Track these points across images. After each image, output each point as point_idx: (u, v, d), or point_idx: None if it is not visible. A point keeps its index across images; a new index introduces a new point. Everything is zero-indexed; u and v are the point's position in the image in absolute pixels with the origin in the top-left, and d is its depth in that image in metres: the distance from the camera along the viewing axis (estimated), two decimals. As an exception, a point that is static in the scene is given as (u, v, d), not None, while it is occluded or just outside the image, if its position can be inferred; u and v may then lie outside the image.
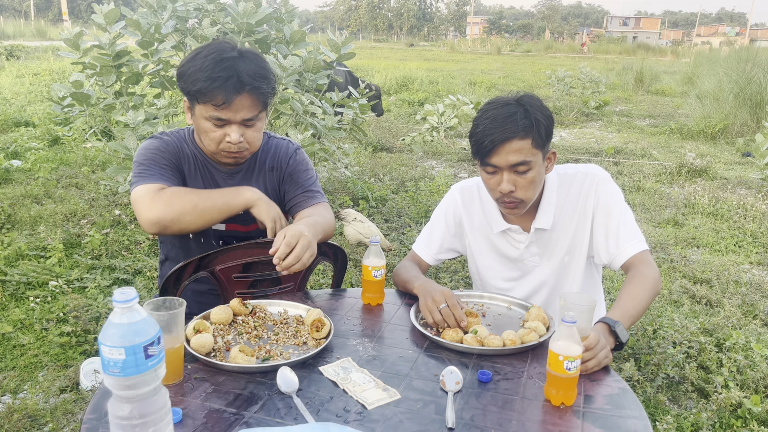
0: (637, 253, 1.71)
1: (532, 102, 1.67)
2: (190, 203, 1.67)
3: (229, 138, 1.69)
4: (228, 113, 1.66)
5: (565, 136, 9.48)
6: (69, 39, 3.96)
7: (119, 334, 0.94)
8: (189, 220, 1.66)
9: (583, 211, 1.81)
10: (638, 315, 1.58)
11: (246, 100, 1.66)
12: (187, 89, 1.68)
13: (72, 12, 63.13)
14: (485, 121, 1.65)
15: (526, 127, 1.62)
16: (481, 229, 1.92)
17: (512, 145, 1.62)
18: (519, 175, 1.66)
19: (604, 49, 41.84)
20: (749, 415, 2.43)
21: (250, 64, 1.65)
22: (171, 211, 1.64)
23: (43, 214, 4.56)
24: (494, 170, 1.68)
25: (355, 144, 7.16)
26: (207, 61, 1.63)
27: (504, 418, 1.21)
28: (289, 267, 1.53)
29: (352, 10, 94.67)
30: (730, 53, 14.79)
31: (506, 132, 1.61)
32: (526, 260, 1.88)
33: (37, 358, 2.80)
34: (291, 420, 1.19)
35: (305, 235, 1.56)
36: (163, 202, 1.65)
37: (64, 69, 12.86)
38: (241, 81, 1.62)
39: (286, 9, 4.35)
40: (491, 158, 1.65)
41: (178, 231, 1.68)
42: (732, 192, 6.11)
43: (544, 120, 1.65)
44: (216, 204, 1.69)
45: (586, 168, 1.85)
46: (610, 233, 1.76)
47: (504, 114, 1.63)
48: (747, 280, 3.88)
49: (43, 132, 7.21)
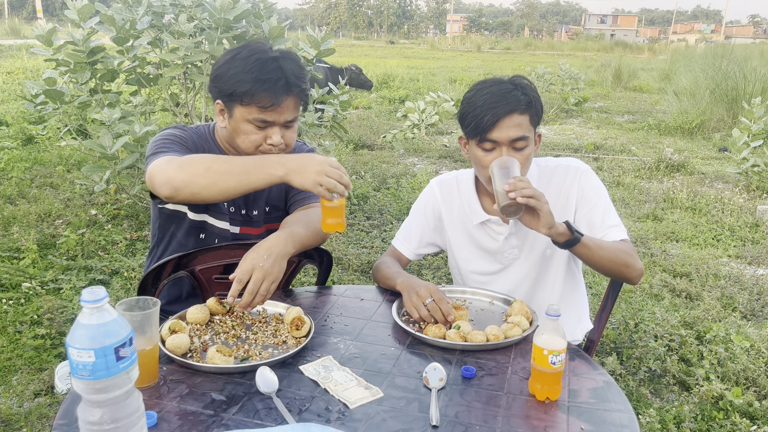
0: (623, 239, 1.71)
1: (525, 82, 1.70)
2: (203, 165, 1.51)
3: (271, 140, 1.64)
4: (274, 115, 1.62)
5: (545, 132, 9.53)
6: (42, 35, 3.87)
7: (88, 336, 0.90)
8: (202, 184, 1.49)
9: (565, 203, 1.79)
10: (599, 246, 1.59)
11: (291, 101, 1.64)
12: (227, 91, 1.62)
13: (47, 10, 62.08)
14: (483, 96, 1.64)
15: (527, 102, 1.64)
16: (461, 221, 1.90)
17: (513, 119, 1.63)
18: (516, 151, 1.66)
19: (583, 47, 42.20)
20: (731, 407, 2.45)
21: (293, 65, 1.63)
22: (182, 171, 1.50)
23: (17, 214, 4.46)
24: (492, 147, 1.66)
25: (336, 141, 7.11)
26: (250, 62, 1.60)
27: (489, 414, 1.20)
28: (245, 306, 1.46)
29: (331, 8, 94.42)
30: (706, 50, 15.02)
31: (509, 105, 1.62)
32: (506, 252, 1.86)
33: (11, 361, 2.72)
34: (271, 421, 1.16)
35: (259, 266, 1.46)
36: (176, 163, 1.53)
37: (38, 67, 12.61)
38: (289, 82, 1.60)
39: (265, 5, 4.29)
40: (492, 133, 1.64)
41: (189, 197, 1.52)
42: (710, 186, 6.18)
43: (538, 99, 1.69)
44: (233, 169, 1.49)
45: (568, 161, 1.84)
46: (594, 224, 1.75)
47: (503, 90, 1.64)
48: (726, 273, 3.92)
49: (16, 131, 7.06)
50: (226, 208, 1.81)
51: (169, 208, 1.80)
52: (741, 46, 15.81)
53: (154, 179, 1.53)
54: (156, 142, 1.68)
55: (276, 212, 1.88)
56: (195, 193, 1.50)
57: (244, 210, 1.84)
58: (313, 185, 1.45)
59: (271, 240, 1.54)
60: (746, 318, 3.38)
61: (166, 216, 1.84)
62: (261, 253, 1.49)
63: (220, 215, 1.82)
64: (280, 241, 1.54)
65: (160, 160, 1.57)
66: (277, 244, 1.53)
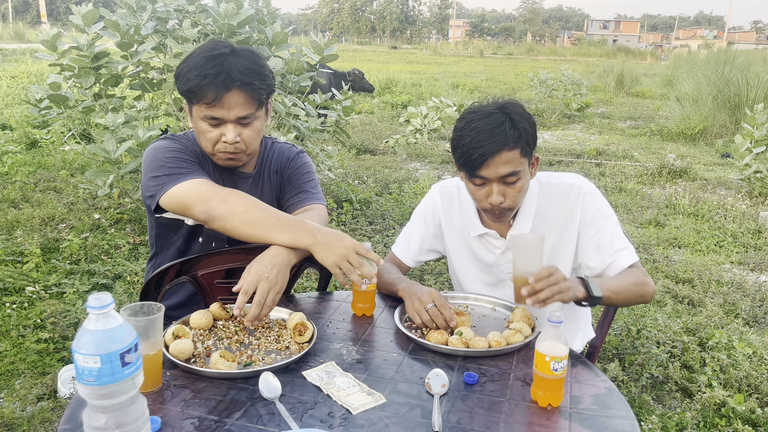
0: (633, 264, 1.71)
1: (516, 110, 1.62)
2: (245, 206, 1.57)
3: (225, 138, 1.64)
4: (221, 111, 1.61)
5: (547, 137, 9.54)
6: (46, 40, 3.90)
7: (94, 342, 0.91)
8: (236, 223, 1.56)
9: (568, 223, 1.77)
10: (616, 294, 1.58)
11: (238, 97, 1.61)
12: (181, 90, 1.64)
13: (51, 14, 62.37)
14: (471, 132, 1.58)
15: (515, 137, 1.57)
16: (459, 231, 1.89)
17: (502, 156, 1.57)
18: (508, 185, 1.62)
19: (585, 52, 42.23)
20: (733, 414, 2.45)
21: (241, 60, 1.61)
22: (225, 205, 1.56)
23: (20, 218, 4.47)
24: (483, 182, 1.63)
25: (338, 146, 7.13)
26: (198, 59, 1.60)
27: (491, 421, 1.20)
28: (254, 319, 1.47)
29: (334, 13, 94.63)
30: (709, 56, 15.02)
31: (495, 144, 1.55)
32: (502, 266, 1.85)
33: (14, 365, 2.73)
34: (274, 426, 1.16)
35: (264, 277, 1.47)
36: (219, 195, 1.58)
37: (42, 71, 12.66)
38: (231, 77, 1.58)
39: (268, 10, 4.31)
40: (481, 171, 1.59)
41: (221, 228, 1.58)
42: (712, 192, 6.17)
43: (530, 128, 1.61)
44: (268, 220, 1.56)
45: (571, 179, 1.80)
46: (603, 247, 1.72)
47: (491, 124, 1.57)
48: (728, 280, 3.91)
49: (20, 135, 7.08)
50: None
51: (167, 218, 1.81)
52: (743, 52, 15.81)
53: (190, 203, 1.58)
54: (160, 160, 1.68)
55: None
56: (227, 227, 1.57)
57: None
58: (332, 265, 1.50)
59: (274, 250, 1.54)
60: (749, 325, 3.38)
61: (163, 225, 1.84)
62: (265, 264, 1.50)
63: None
64: (283, 251, 1.54)
65: (194, 183, 1.61)
66: (279, 253, 1.54)
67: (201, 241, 1.84)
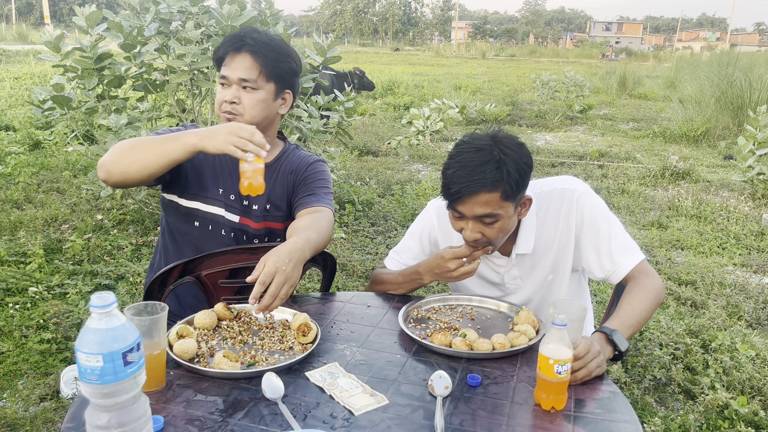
0: (636, 266, 1.67)
1: (508, 149, 1.54)
2: (129, 144, 1.62)
3: (226, 97, 1.72)
4: (227, 70, 1.72)
5: (550, 139, 9.53)
6: (50, 41, 3.90)
7: (97, 341, 0.91)
8: (126, 161, 1.59)
9: (565, 229, 1.74)
10: (639, 325, 1.53)
11: (245, 60, 1.71)
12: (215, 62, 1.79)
13: (54, 16, 62.53)
14: (456, 164, 1.54)
15: (495, 180, 1.51)
16: None
17: (479, 198, 1.53)
18: (485, 225, 1.58)
19: (588, 54, 42.21)
20: (736, 416, 2.44)
21: (261, 35, 1.74)
22: (111, 153, 1.61)
23: (24, 219, 4.48)
24: (460, 216, 1.60)
25: (341, 147, 7.12)
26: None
27: (494, 423, 1.20)
28: (265, 308, 1.46)
29: (337, 15, 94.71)
30: (711, 58, 14.99)
31: (474, 184, 1.51)
32: (508, 284, 1.82)
33: (17, 365, 2.73)
34: (276, 427, 1.16)
35: (282, 269, 1.46)
36: (111, 149, 1.64)
37: (46, 72, 12.69)
38: (243, 41, 1.71)
39: (271, 12, 4.32)
40: (457, 206, 1.57)
41: (121, 177, 1.61)
42: (715, 194, 6.17)
43: (515, 172, 1.53)
44: (153, 144, 1.60)
45: (563, 183, 1.76)
46: (601, 250, 1.70)
47: (475, 162, 1.51)
48: (731, 282, 3.90)
49: (23, 136, 7.10)
50: (218, 193, 1.83)
51: (166, 198, 1.87)
52: (746, 54, 15.78)
53: (99, 172, 1.64)
54: None
55: (276, 211, 1.87)
56: (123, 171, 1.60)
57: (246, 201, 1.84)
58: (224, 145, 1.53)
59: (290, 245, 1.54)
60: (752, 327, 3.37)
61: (165, 206, 1.90)
62: (282, 257, 1.49)
63: (211, 200, 1.83)
64: (299, 247, 1.54)
65: None
66: (296, 249, 1.53)
67: (197, 225, 1.84)
